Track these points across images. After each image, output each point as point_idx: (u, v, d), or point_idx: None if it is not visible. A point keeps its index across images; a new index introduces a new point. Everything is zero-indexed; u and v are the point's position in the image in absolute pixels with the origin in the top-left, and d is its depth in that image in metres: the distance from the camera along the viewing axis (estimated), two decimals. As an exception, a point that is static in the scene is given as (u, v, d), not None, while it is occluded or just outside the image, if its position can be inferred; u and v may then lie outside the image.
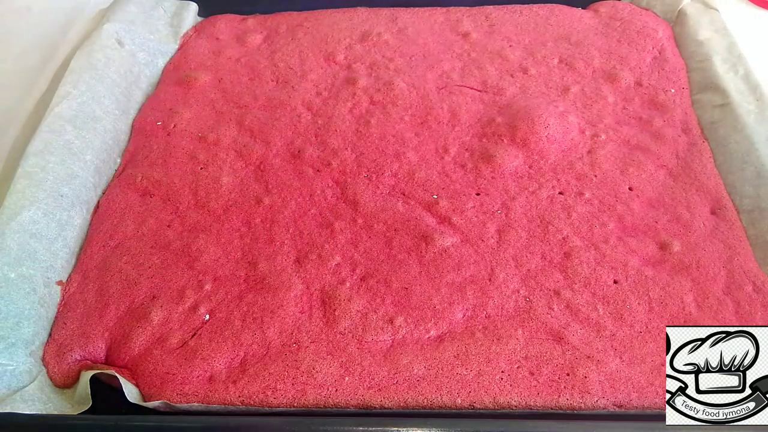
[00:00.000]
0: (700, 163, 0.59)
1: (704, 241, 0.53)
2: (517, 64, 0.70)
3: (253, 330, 0.48)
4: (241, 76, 0.71)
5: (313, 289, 0.51)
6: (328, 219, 0.56)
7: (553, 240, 0.54)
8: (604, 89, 0.67)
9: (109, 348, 0.48)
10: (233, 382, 0.45)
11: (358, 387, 0.45)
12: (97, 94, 0.63)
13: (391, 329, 0.48)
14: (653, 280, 0.51)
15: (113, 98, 0.65)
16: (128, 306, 0.49)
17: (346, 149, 0.62)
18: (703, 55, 0.68)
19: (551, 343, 0.47)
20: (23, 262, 0.49)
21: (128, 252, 0.53)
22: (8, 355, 0.44)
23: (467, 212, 0.56)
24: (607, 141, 0.62)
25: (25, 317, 0.47)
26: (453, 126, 0.64)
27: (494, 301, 0.50)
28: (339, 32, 0.75)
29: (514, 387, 0.45)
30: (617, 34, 0.73)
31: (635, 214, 0.55)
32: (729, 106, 0.62)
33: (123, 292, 0.50)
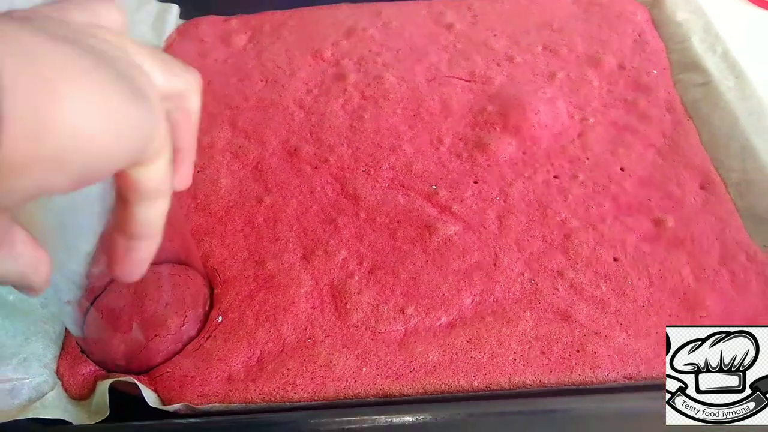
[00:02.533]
0: (686, 141, 0.61)
1: (696, 216, 0.55)
2: (503, 53, 0.72)
3: (267, 328, 0.49)
4: (229, 78, 0.71)
5: (323, 285, 0.51)
6: (331, 215, 0.56)
7: (552, 223, 0.55)
8: (588, 74, 0.69)
9: (128, 359, 0.48)
10: (252, 381, 0.46)
11: (376, 377, 0.46)
12: None
13: (402, 319, 0.49)
14: (651, 255, 0.52)
15: None
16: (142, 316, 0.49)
17: (342, 145, 0.63)
18: (681, 36, 0.70)
19: (559, 322, 0.48)
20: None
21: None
22: (23, 370, 0.44)
23: (467, 200, 0.57)
24: (595, 124, 0.63)
25: (32, 334, 0.47)
26: (445, 117, 0.65)
27: (501, 285, 0.51)
28: (324, 29, 0.75)
29: (527, 366, 0.46)
30: (597, 20, 0.75)
31: (628, 193, 0.57)
32: (710, 84, 0.64)
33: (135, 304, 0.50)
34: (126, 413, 0.44)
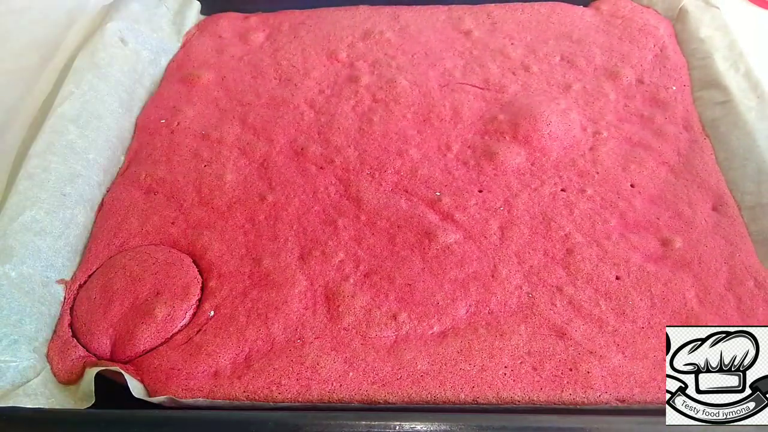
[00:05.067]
0: (701, 160, 0.60)
1: (706, 238, 0.54)
2: (519, 61, 0.71)
3: (258, 326, 0.48)
4: (244, 74, 0.71)
5: (317, 286, 0.51)
6: (332, 216, 0.56)
7: (556, 236, 0.54)
8: (605, 87, 0.67)
9: (114, 344, 0.48)
10: (238, 378, 0.46)
11: (362, 382, 0.45)
12: (100, 93, 0.63)
13: (394, 325, 0.48)
14: (655, 276, 0.51)
15: (117, 97, 0.65)
16: (132, 302, 0.50)
17: (349, 147, 0.62)
18: (704, 52, 0.69)
19: (554, 338, 0.47)
20: (25, 260, 0.49)
21: (132, 249, 0.54)
22: (11, 352, 0.45)
23: (470, 209, 0.56)
24: (608, 138, 0.62)
25: (27, 314, 0.47)
26: (455, 123, 0.64)
27: (497, 297, 0.50)
28: (341, 30, 0.75)
29: (517, 382, 0.45)
30: (618, 32, 0.73)
31: (637, 210, 0.56)
32: (730, 103, 0.62)
33: (127, 289, 0.51)
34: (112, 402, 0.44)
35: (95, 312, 0.49)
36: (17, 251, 0.49)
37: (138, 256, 0.53)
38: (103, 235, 0.55)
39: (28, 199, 0.53)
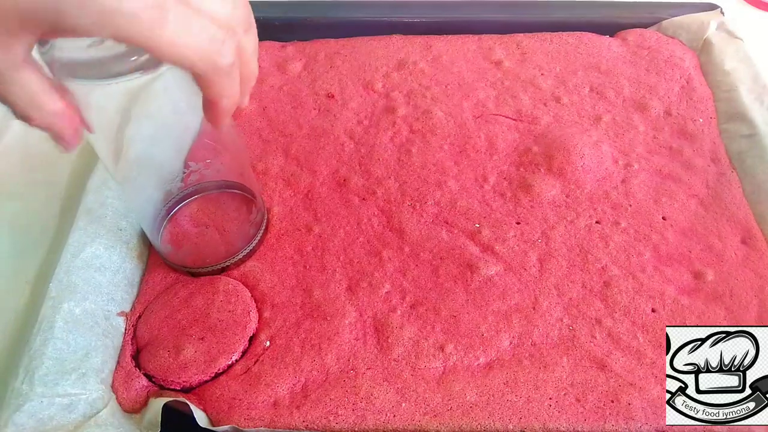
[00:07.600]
0: (729, 193, 0.62)
1: (736, 271, 0.56)
2: (550, 92, 0.73)
3: (312, 356, 0.51)
4: (284, 105, 0.73)
5: (366, 317, 0.54)
6: (376, 247, 0.59)
7: (593, 269, 0.56)
8: (634, 118, 0.70)
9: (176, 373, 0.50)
10: (297, 407, 0.48)
11: (414, 413, 0.48)
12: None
13: (442, 356, 0.51)
14: (689, 308, 0.53)
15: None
16: (193, 331, 0.52)
17: (389, 178, 0.65)
18: (729, 84, 0.71)
19: (595, 370, 0.50)
20: (87, 296, 0.52)
21: (191, 280, 0.56)
22: (81, 385, 0.47)
23: (509, 241, 0.59)
24: (639, 170, 0.64)
25: (92, 348, 0.50)
26: (491, 155, 0.67)
27: (539, 329, 0.52)
28: (376, 60, 0.78)
29: (562, 413, 0.47)
30: (645, 63, 0.76)
31: (669, 243, 0.58)
32: (756, 136, 0.65)
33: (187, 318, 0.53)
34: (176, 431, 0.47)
35: (158, 343, 0.52)
36: (80, 288, 0.52)
37: (194, 287, 0.55)
38: (158, 267, 0.58)
39: (88, 235, 0.55)
